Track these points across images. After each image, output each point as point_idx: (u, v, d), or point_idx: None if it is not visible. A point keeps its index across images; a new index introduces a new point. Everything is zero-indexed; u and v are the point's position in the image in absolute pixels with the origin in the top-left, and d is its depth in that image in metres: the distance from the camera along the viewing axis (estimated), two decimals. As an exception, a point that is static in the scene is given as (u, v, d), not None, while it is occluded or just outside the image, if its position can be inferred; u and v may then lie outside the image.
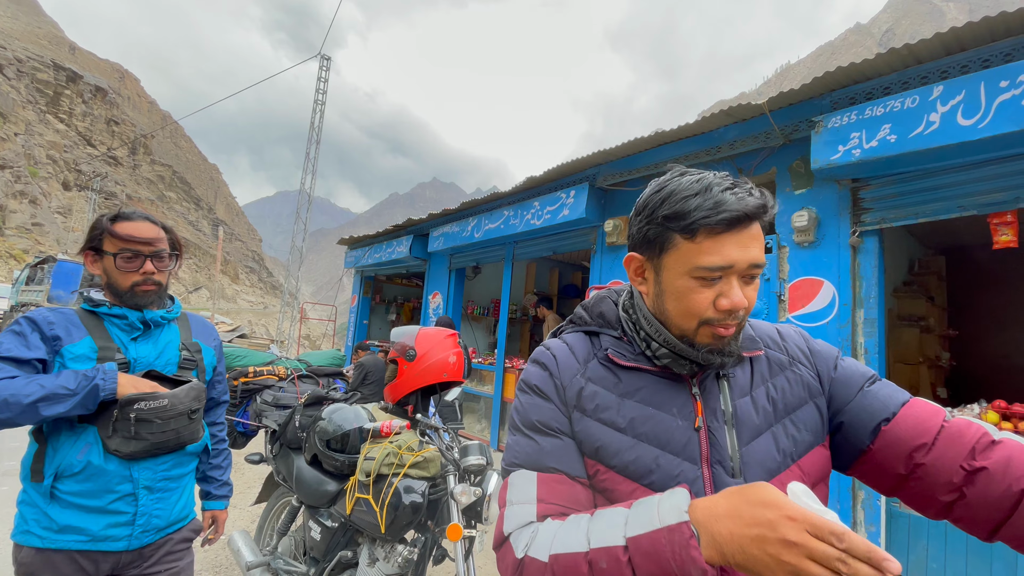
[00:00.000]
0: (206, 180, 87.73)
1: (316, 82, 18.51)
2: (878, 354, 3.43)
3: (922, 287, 5.64)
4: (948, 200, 3.18)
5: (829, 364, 0.87)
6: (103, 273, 1.49)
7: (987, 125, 2.75)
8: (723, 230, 0.71)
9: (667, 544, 0.58)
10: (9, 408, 1.23)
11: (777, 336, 0.91)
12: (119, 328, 1.49)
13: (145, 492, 1.44)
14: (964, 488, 0.69)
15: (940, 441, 0.73)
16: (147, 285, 1.49)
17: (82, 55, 69.23)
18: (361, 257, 9.95)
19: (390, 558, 2.03)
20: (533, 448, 0.79)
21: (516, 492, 0.76)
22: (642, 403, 0.79)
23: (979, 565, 3.01)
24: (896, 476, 0.76)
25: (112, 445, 1.36)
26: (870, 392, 0.82)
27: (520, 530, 0.71)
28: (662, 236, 0.76)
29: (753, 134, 4.10)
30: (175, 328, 1.63)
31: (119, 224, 1.47)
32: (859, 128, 3.24)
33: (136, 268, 1.47)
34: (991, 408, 3.29)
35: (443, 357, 2.01)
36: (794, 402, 0.82)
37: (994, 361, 6.36)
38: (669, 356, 0.81)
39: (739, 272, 0.73)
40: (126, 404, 1.36)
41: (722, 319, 0.74)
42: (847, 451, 0.82)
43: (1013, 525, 0.66)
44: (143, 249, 1.48)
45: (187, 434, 1.51)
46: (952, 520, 0.73)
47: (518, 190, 6.37)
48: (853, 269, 3.57)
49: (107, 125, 51.61)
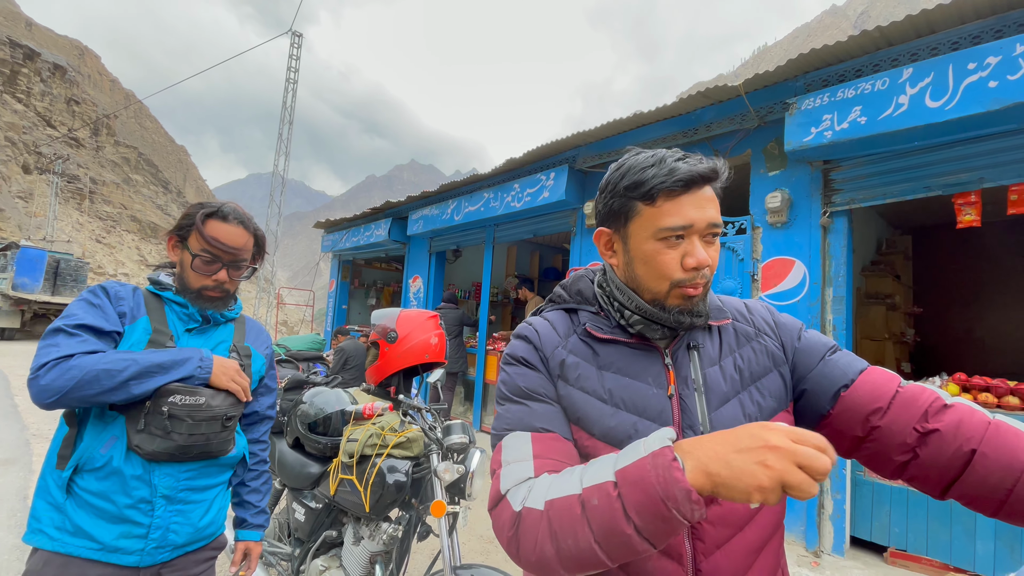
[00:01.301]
0: (174, 162, 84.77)
1: (287, 60, 17.95)
2: (846, 330, 3.56)
3: (889, 266, 5.84)
4: (915, 181, 3.29)
5: (793, 335, 0.92)
6: (179, 264, 1.41)
7: (954, 107, 2.83)
8: (680, 192, 0.78)
9: (651, 468, 0.59)
10: (101, 383, 1.16)
11: (744, 310, 0.96)
12: (177, 316, 1.41)
13: (163, 502, 1.30)
14: (917, 449, 0.74)
15: (895, 405, 0.78)
16: (215, 292, 1.41)
17: (39, 31, 65.71)
18: (338, 241, 9.80)
19: (375, 536, 2.06)
20: (524, 411, 0.81)
21: (511, 452, 0.78)
22: (619, 373, 0.83)
23: (939, 530, 3.19)
24: (854, 438, 0.81)
25: (135, 440, 1.24)
26: (831, 361, 0.86)
27: (518, 486, 0.73)
28: (625, 207, 0.83)
29: (729, 116, 4.14)
30: (230, 328, 1.54)
31: (211, 224, 1.37)
32: (831, 110, 3.31)
33: (210, 273, 1.39)
34: (952, 381, 3.46)
35: (424, 338, 2.02)
36: (759, 371, 0.87)
37: (956, 336, 6.65)
38: (642, 323, 0.85)
39: (699, 232, 0.79)
40: (162, 395, 1.25)
41: (691, 278, 0.79)
42: (809, 416, 0.87)
43: (964, 483, 0.71)
44: (223, 256, 1.39)
45: (217, 443, 1.37)
46: (906, 479, 0.78)
47: (498, 172, 6.34)
48: (823, 249, 3.68)
49: (67, 105, 49.31)
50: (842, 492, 3.47)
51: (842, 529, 3.44)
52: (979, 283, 6.62)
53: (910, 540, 3.29)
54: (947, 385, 3.40)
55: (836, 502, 3.48)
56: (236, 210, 1.43)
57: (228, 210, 1.41)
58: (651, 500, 0.59)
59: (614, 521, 0.61)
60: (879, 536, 3.44)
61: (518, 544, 0.69)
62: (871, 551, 3.51)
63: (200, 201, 1.43)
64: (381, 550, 2.06)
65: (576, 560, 0.64)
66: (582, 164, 5.32)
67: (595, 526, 0.62)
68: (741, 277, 4.09)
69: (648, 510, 0.59)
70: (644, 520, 0.59)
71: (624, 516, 0.60)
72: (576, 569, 0.66)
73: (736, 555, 0.77)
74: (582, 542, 0.63)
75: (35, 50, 46.94)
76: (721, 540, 0.76)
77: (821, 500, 3.53)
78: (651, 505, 0.59)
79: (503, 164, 6.09)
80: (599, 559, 0.63)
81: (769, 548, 0.82)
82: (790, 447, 0.55)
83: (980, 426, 0.72)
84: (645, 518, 0.59)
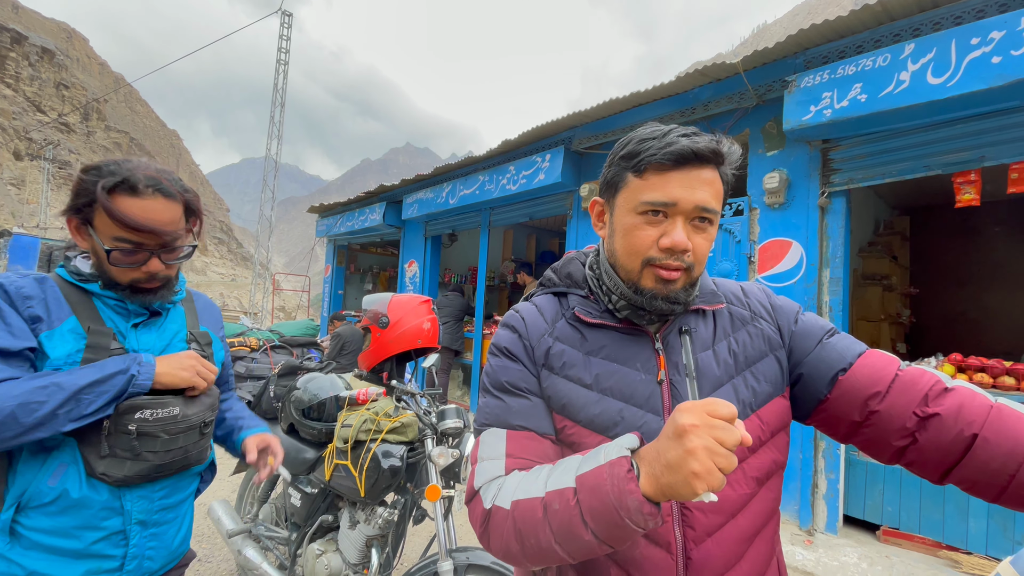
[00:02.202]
0: (166, 147, 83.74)
1: (278, 40, 17.58)
2: (842, 312, 3.54)
3: (886, 247, 5.82)
4: (914, 160, 3.24)
5: (790, 318, 0.89)
6: (91, 252, 1.11)
7: (956, 83, 2.78)
8: (670, 167, 0.74)
9: (608, 477, 0.60)
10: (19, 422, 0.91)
11: (740, 293, 0.93)
12: (113, 311, 1.13)
13: (138, 528, 1.12)
14: (917, 433, 0.72)
15: (894, 389, 0.76)
16: (151, 284, 1.13)
17: (26, 14, 64.30)
18: (333, 226, 9.72)
19: (371, 520, 2.06)
20: (502, 408, 0.81)
21: (486, 449, 0.78)
22: (607, 359, 0.81)
23: (932, 509, 3.22)
24: (851, 423, 0.79)
25: (100, 468, 1.03)
26: (828, 344, 0.84)
27: (489, 483, 0.74)
28: (617, 176, 0.80)
29: (727, 94, 4.07)
30: (180, 313, 1.27)
31: (120, 202, 1.03)
32: (831, 88, 3.25)
33: (137, 264, 1.09)
34: (947, 361, 3.46)
35: (417, 323, 1.99)
36: (755, 355, 0.85)
37: (952, 317, 6.67)
38: (628, 308, 0.82)
39: (685, 213, 0.75)
40: (125, 412, 1.04)
41: (663, 258, 0.75)
42: (806, 401, 0.85)
43: (964, 468, 0.69)
44: (149, 242, 1.08)
45: (196, 453, 1.19)
46: (904, 464, 0.76)
47: (493, 154, 6.26)
48: (821, 230, 3.65)
49: (56, 89, 48.50)
50: (836, 472, 3.50)
51: (835, 508, 3.48)
52: (976, 263, 6.61)
53: (903, 518, 3.32)
54: (943, 365, 3.41)
55: (830, 482, 3.51)
56: (149, 175, 1.07)
57: (138, 178, 1.05)
58: (606, 508, 0.59)
59: (572, 526, 0.62)
60: (872, 515, 3.47)
61: (488, 539, 0.71)
62: (864, 529, 3.56)
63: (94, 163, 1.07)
64: (377, 534, 2.06)
65: (540, 557, 0.67)
66: (578, 146, 5.24)
67: (555, 529, 0.64)
68: (738, 259, 4.06)
69: (603, 518, 0.60)
70: (599, 526, 0.60)
71: (582, 522, 0.61)
72: (541, 563, 0.68)
73: (728, 543, 0.75)
74: (543, 543, 0.65)
75: (22, 33, 46.03)
76: (712, 528, 0.74)
77: (815, 479, 3.56)
78: (606, 513, 0.60)
79: (498, 146, 6.00)
80: (560, 557, 0.65)
81: (763, 536, 0.80)
82: (705, 421, 0.56)
83: (982, 410, 0.70)
84: (600, 525, 0.60)
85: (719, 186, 0.77)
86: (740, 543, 0.76)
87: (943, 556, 3.11)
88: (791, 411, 0.87)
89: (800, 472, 3.60)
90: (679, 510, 0.74)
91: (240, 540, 2.48)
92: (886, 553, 3.23)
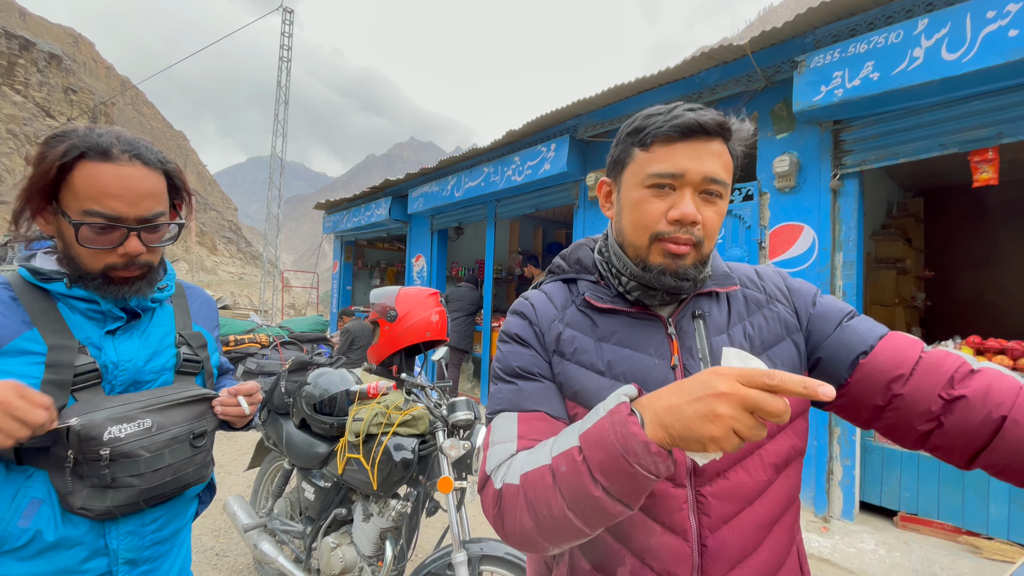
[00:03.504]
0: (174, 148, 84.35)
1: (280, 38, 17.56)
2: (856, 296, 3.49)
3: (900, 229, 5.71)
4: (929, 139, 3.17)
5: (807, 301, 0.87)
6: (57, 238, 0.93)
7: (972, 59, 2.70)
8: (676, 139, 0.73)
9: (610, 427, 0.58)
10: None
11: (755, 276, 0.91)
12: (84, 316, 0.95)
13: (127, 568, 0.97)
14: (942, 417, 0.69)
15: (918, 371, 0.73)
16: (129, 270, 0.94)
17: (33, 20, 64.87)
18: (340, 222, 9.74)
19: (384, 512, 2.07)
20: (514, 392, 0.79)
21: (498, 433, 0.76)
22: (619, 345, 0.79)
23: (951, 493, 3.18)
24: (874, 408, 0.76)
25: (78, 503, 0.88)
26: (848, 327, 0.81)
27: (499, 465, 0.72)
28: (624, 153, 0.80)
29: (735, 77, 4.00)
30: (169, 312, 1.09)
31: (87, 168, 0.87)
32: (842, 67, 3.18)
33: (113, 244, 0.91)
34: (966, 344, 3.40)
35: (425, 316, 1.98)
36: (771, 339, 0.82)
37: (969, 299, 6.55)
38: (638, 288, 0.81)
39: (693, 184, 0.73)
40: (87, 438, 0.87)
41: (672, 231, 0.74)
42: None
43: (992, 452, 0.66)
44: (126, 216, 0.90)
45: (191, 471, 1.02)
46: (929, 449, 0.73)
47: (497, 145, 6.21)
48: (833, 213, 3.58)
49: (65, 94, 48.95)
50: (851, 458, 3.46)
51: (851, 494, 3.44)
52: (992, 245, 6.48)
53: (921, 504, 3.28)
54: (961, 348, 3.35)
55: (845, 468, 3.47)
56: (124, 139, 0.92)
57: (110, 142, 0.90)
58: (612, 458, 0.57)
59: (582, 485, 0.60)
60: (889, 501, 3.43)
61: (502, 521, 0.68)
62: (881, 516, 3.52)
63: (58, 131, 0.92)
64: (391, 526, 2.07)
65: (555, 530, 0.63)
66: (583, 134, 5.19)
67: (566, 493, 0.61)
68: (748, 245, 4.01)
69: (611, 469, 0.57)
70: (609, 480, 0.58)
71: (591, 479, 0.59)
72: (557, 539, 0.64)
73: (745, 531, 0.73)
74: (556, 511, 0.62)
75: (30, 40, 46.43)
76: (728, 515, 0.73)
77: (830, 466, 3.53)
78: (613, 463, 0.57)
79: (503, 136, 5.96)
80: (576, 526, 0.62)
81: (783, 524, 0.78)
82: (739, 391, 0.52)
83: (1011, 391, 0.67)
84: (610, 477, 0.58)
85: (727, 159, 0.76)
86: (757, 531, 0.74)
87: (963, 541, 3.07)
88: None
89: (815, 459, 3.56)
90: (694, 498, 0.73)
91: (256, 534, 2.50)
92: (904, 539, 3.20)
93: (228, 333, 2.90)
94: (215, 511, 3.43)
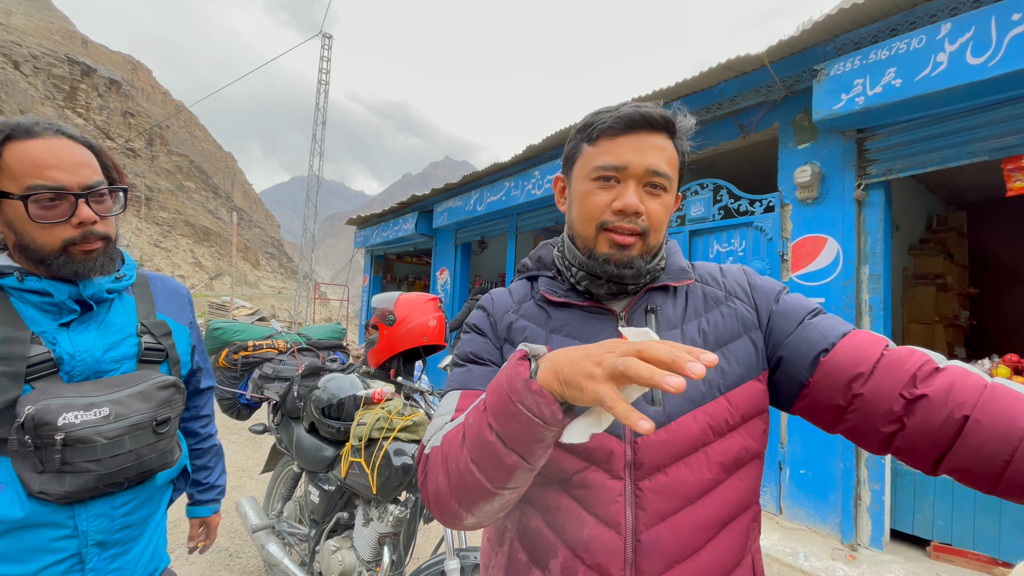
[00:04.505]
0: (222, 168, 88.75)
1: (319, 62, 18.38)
2: (883, 311, 3.33)
3: (940, 244, 5.44)
4: (958, 146, 3.04)
5: (770, 298, 0.85)
6: (7, 230, 0.94)
7: (998, 63, 2.59)
8: (620, 132, 0.75)
9: (504, 372, 0.60)
10: None
11: (718, 273, 0.90)
12: (37, 309, 0.96)
13: (96, 550, 0.98)
14: (904, 418, 0.66)
15: (879, 370, 0.70)
16: (89, 242, 0.96)
17: (94, 48, 69.88)
18: (370, 236, 10.01)
19: (383, 517, 2.09)
20: (464, 373, 0.83)
21: (441, 408, 0.80)
22: (569, 336, 0.81)
23: (987, 522, 2.96)
24: (836, 408, 0.73)
25: (36, 486, 0.89)
26: (810, 324, 0.78)
27: (434, 435, 0.74)
28: (574, 149, 0.82)
29: (754, 88, 3.94)
30: (130, 302, 1.10)
31: (17, 147, 0.90)
32: (863, 74, 3.09)
33: (65, 216, 0.92)
34: (1003, 362, 3.20)
35: (423, 321, 2.02)
36: (727, 335, 0.81)
37: (1018, 318, 6.15)
38: (587, 278, 0.82)
39: (636, 176, 0.75)
40: (41, 423, 0.88)
41: (616, 221, 0.76)
42: (787, 386, 0.79)
43: (956, 454, 0.63)
44: (70, 183, 0.92)
45: (154, 457, 1.03)
46: (894, 453, 0.70)
47: (518, 160, 6.29)
48: (858, 224, 3.46)
49: (123, 117, 52.35)
50: (880, 483, 3.27)
51: (881, 521, 3.25)
52: (1044, 260, 6.09)
53: (955, 533, 3.06)
54: (997, 367, 3.15)
55: (874, 493, 3.28)
56: (44, 119, 0.95)
57: (31, 121, 0.93)
58: (501, 399, 0.58)
59: (481, 432, 0.61)
60: (922, 529, 3.22)
61: (426, 485, 0.70)
62: (913, 544, 3.30)
63: None
64: (389, 531, 2.08)
65: (462, 487, 0.64)
66: (603, 148, 5.20)
67: (470, 443, 0.63)
68: (770, 257, 3.90)
69: (500, 410, 0.58)
70: (500, 422, 0.59)
71: (487, 424, 0.60)
72: (465, 498, 0.65)
73: (684, 530, 0.71)
74: (462, 464, 0.63)
75: (91, 66, 50.06)
76: (666, 512, 0.71)
77: (858, 491, 3.34)
78: (501, 404, 0.58)
79: (523, 151, 6.03)
80: (478, 480, 0.62)
81: (733, 528, 0.75)
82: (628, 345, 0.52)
83: (974, 390, 0.63)
84: (500, 419, 0.59)
85: (672, 153, 0.78)
86: (699, 531, 0.72)
87: (998, 574, 2.85)
88: (771, 398, 0.82)
89: (841, 483, 3.39)
90: (632, 491, 0.71)
91: (264, 535, 2.56)
92: (936, 570, 2.99)
93: (247, 338, 3.01)
94: (231, 512, 3.52)
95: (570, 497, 0.73)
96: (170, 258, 42.14)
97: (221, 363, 2.85)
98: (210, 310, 16.46)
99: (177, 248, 45.98)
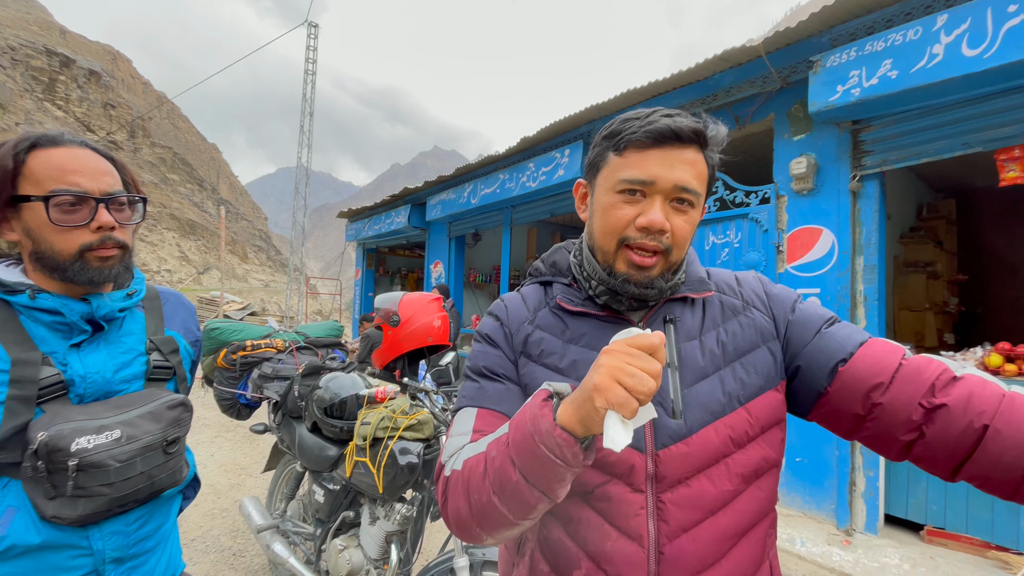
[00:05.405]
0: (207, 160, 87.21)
1: (305, 51, 18.07)
2: (878, 301, 3.38)
3: (930, 232, 5.52)
4: (952, 138, 3.06)
5: (786, 307, 0.85)
6: (24, 238, 0.92)
7: (994, 54, 2.61)
8: (649, 145, 0.73)
9: (528, 409, 0.62)
10: None
11: (734, 282, 0.90)
12: (48, 328, 0.94)
13: (113, 567, 0.98)
14: (923, 426, 0.67)
15: (898, 379, 0.70)
16: (106, 248, 0.94)
17: (73, 39, 68.06)
18: (361, 229, 9.92)
19: (390, 516, 2.09)
20: (477, 390, 0.82)
21: (457, 426, 0.79)
22: (587, 347, 0.80)
23: (980, 507, 3.04)
24: (854, 417, 0.74)
25: (50, 511, 0.88)
26: (827, 334, 0.79)
27: (451, 456, 0.74)
28: (599, 156, 0.80)
29: (750, 79, 3.94)
30: (139, 318, 1.08)
31: (42, 155, 0.90)
32: (858, 65, 3.10)
33: (84, 221, 0.91)
34: (995, 351, 3.25)
35: (427, 321, 2.01)
36: (745, 346, 0.80)
37: (1005, 305, 6.26)
38: (606, 293, 0.81)
39: (663, 192, 0.73)
40: (55, 449, 0.86)
41: (639, 238, 0.74)
42: (805, 395, 0.80)
43: (976, 463, 0.64)
44: (92, 189, 0.92)
45: (164, 476, 1.02)
46: (913, 460, 0.71)
47: (512, 152, 6.25)
48: (853, 215, 3.49)
49: (104, 109, 51.17)
50: (875, 469, 3.34)
51: (875, 507, 3.32)
52: (1032, 246, 6.19)
53: (948, 517, 3.14)
54: (990, 355, 3.20)
55: (868, 479, 3.35)
56: (69, 132, 0.97)
57: (56, 132, 0.94)
58: (525, 438, 0.59)
59: (504, 469, 0.62)
60: (915, 514, 3.30)
61: (446, 506, 0.71)
62: (907, 529, 3.38)
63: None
64: (396, 530, 2.09)
65: (483, 516, 0.65)
66: (598, 139, 5.18)
67: (492, 477, 0.63)
68: (765, 249, 3.93)
69: (524, 449, 0.59)
70: (523, 462, 0.60)
71: (511, 462, 0.61)
72: (487, 525, 0.66)
73: (705, 541, 0.71)
74: (484, 497, 0.64)
75: (70, 57, 48.75)
76: (688, 523, 0.71)
77: (852, 477, 3.41)
78: (525, 443, 0.59)
79: (517, 143, 5.99)
80: (501, 512, 0.64)
81: (751, 537, 0.76)
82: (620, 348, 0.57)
83: (993, 399, 0.64)
84: (523, 459, 0.60)
85: (702, 168, 0.75)
86: (720, 542, 0.72)
87: (992, 557, 2.92)
88: (788, 406, 0.82)
89: (836, 469, 3.45)
90: (654, 504, 0.72)
91: (268, 535, 2.56)
92: (930, 554, 3.06)
93: (245, 338, 2.98)
94: (233, 512, 3.51)
95: (592, 510, 0.73)
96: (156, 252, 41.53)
97: (219, 363, 2.82)
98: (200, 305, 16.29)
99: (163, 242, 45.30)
